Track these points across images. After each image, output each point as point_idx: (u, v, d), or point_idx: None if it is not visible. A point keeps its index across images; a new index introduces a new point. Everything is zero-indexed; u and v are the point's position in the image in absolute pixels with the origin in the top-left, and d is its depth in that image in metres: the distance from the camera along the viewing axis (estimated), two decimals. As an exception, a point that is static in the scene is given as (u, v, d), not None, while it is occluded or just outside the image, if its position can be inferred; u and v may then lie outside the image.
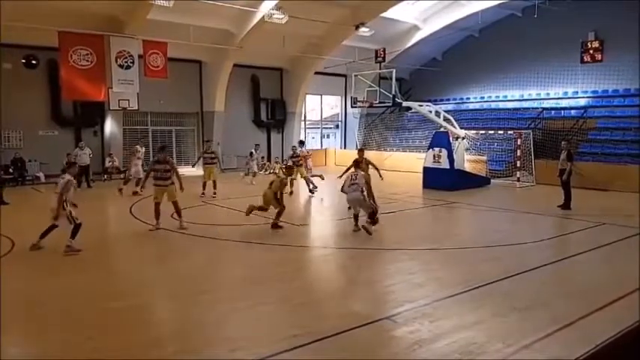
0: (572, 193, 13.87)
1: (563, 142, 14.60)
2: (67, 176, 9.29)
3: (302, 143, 19.63)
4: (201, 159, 17.41)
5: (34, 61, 20.10)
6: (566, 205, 13.70)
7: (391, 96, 18.84)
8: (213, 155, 17.31)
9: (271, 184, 11.56)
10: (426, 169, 18.32)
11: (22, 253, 9.23)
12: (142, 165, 17.86)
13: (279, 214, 11.36)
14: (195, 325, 5.92)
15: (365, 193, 10.75)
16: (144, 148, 18.75)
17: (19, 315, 6.35)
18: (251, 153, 21.92)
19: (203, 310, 6.48)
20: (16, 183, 19.25)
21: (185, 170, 24.33)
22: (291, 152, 17.70)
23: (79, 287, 7.33)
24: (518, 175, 19.41)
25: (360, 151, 13.99)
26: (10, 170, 19.39)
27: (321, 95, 30.96)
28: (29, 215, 13.97)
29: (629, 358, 2.70)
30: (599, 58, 18.81)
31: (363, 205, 10.74)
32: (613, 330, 3.57)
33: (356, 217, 10.97)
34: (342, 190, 11.14)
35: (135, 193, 16.07)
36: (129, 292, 7.16)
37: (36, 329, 5.95)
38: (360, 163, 12.46)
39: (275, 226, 11.31)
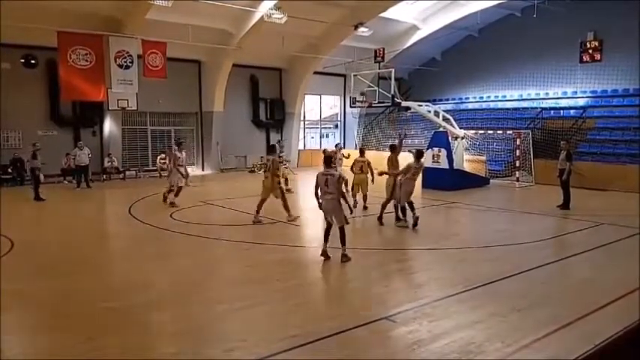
0: (571, 192, 13.87)
1: (562, 142, 14.61)
2: (339, 171, 9.12)
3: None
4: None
5: (33, 61, 20.05)
6: (565, 205, 13.71)
7: (390, 96, 18.83)
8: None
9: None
10: (425, 169, 18.29)
11: (21, 253, 9.22)
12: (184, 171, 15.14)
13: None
14: (194, 325, 5.92)
15: None
16: (184, 153, 15.68)
17: (18, 314, 6.34)
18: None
19: (201, 310, 6.47)
20: (15, 183, 19.24)
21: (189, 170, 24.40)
22: (339, 152, 16.71)
23: (79, 287, 7.33)
24: (517, 175, 19.42)
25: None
26: (9, 170, 19.38)
27: (320, 95, 30.93)
28: (28, 215, 13.98)
29: (628, 358, 2.70)
30: (598, 58, 18.77)
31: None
32: (612, 330, 3.58)
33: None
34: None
35: (173, 204, 14.11)
36: (127, 292, 7.15)
37: (35, 329, 5.95)
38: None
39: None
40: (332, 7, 22.26)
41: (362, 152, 14.67)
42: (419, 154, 11.85)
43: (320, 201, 8.71)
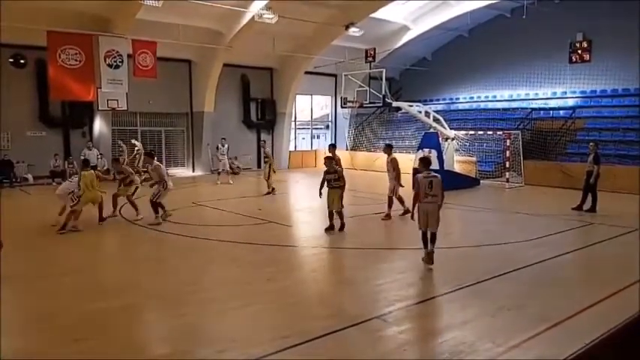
0: (589, 195, 13.52)
1: (590, 144, 14.18)
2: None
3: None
4: None
5: (22, 61, 19.91)
6: (592, 208, 13.34)
7: (381, 96, 18.86)
8: None
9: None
10: (415, 170, 18.32)
11: (10, 254, 9.11)
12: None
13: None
14: (185, 326, 5.89)
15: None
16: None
17: (5, 316, 6.28)
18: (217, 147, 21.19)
19: (192, 310, 6.44)
20: (4, 185, 19.06)
21: (176, 171, 24.35)
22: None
23: (69, 288, 7.28)
24: (507, 176, 19.51)
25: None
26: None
27: (312, 95, 30.90)
28: (18, 216, 13.84)
29: (619, 357, 2.71)
30: (588, 59, 18.91)
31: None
32: (602, 329, 3.58)
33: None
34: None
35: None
36: (118, 293, 7.10)
37: (23, 330, 5.90)
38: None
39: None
40: (323, 7, 22.25)
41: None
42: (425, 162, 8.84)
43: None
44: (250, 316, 6.19)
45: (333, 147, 13.74)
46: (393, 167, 12.93)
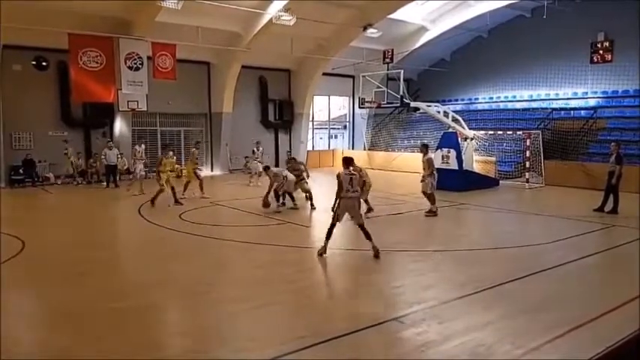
0: (611, 196, 13.27)
1: (612, 144, 13.94)
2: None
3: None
4: None
5: (44, 63, 20.23)
6: (614, 210, 13.12)
7: (399, 97, 18.80)
8: None
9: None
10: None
11: (32, 253, 9.28)
12: None
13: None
14: (201, 326, 5.93)
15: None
16: (143, 146, 19.17)
17: (28, 313, 6.39)
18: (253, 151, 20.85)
19: (210, 310, 6.49)
20: (27, 184, 19.42)
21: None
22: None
23: (88, 287, 7.37)
24: (527, 176, 19.29)
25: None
26: (21, 171, 19.55)
27: (329, 96, 30.97)
28: (39, 216, 14.09)
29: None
30: (609, 59, 18.60)
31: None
32: (623, 333, 3.54)
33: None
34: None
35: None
36: (135, 293, 7.18)
37: (43, 329, 5.99)
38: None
39: None
40: (341, 8, 22.26)
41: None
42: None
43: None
44: (267, 317, 6.20)
45: (294, 160, 15.23)
46: (428, 165, 13.52)
